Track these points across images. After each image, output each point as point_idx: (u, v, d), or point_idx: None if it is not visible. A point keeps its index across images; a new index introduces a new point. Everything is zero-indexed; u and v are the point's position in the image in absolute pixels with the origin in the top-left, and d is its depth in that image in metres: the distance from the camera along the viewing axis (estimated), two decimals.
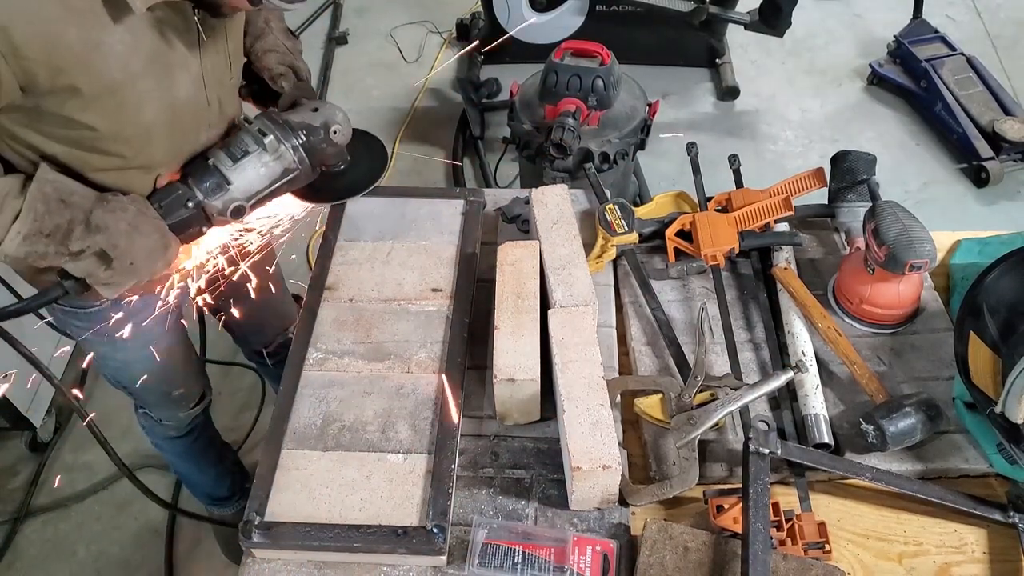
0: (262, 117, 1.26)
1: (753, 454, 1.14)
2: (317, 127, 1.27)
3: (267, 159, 1.24)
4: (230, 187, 1.22)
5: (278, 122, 1.25)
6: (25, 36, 0.96)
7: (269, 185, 1.25)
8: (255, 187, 1.24)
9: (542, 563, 1.11)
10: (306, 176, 1.29)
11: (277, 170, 1.25)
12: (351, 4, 4.14)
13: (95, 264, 1.12)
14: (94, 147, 1.12)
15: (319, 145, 1.28)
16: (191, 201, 1.20)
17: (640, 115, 2.19)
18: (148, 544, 2.23)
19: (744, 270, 1.55)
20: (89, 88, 1.05)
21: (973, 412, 1.26)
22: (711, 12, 3.04)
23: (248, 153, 1.22)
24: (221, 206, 1.22)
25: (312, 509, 1.16)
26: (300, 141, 1.25)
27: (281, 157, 1.25)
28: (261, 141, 1.23)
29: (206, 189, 1.20)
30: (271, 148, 1.23)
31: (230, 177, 1.22)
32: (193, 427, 1.81)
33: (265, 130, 1.23)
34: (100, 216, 1.10)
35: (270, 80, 1.38)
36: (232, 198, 1.22)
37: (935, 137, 3.31)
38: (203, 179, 1.21)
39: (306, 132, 1.26)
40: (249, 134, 1.24)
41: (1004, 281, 1.31)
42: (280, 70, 1.38)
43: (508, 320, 1.29)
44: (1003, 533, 1.18)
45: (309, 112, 1.28)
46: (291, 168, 1.26)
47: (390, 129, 3.44)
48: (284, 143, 1.24)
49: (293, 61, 1.41)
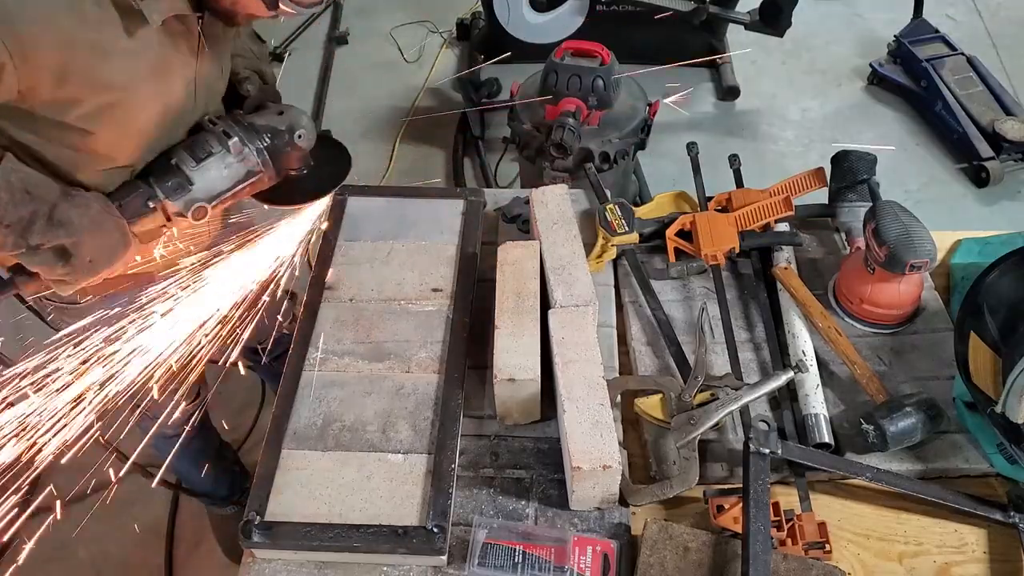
0: (227, 119, 1.25)
1: (753, 454, 1.14)
2: (282, 130, 1.27)
3: (230, 160, 1.23)
4: (192, 187, 1.20)
5: (243, 124, 1.24)
6: (37, 43, 0.96)
7: (232, 187, 1.24)
8: (217, 188, 1.23)
9: (542, 563, 1.11)
10: (269, 179, 1.29)
11: (240, 172, 1.24)
12: (351, 4, 4.14)
13: (52, 259, 1.09)
14: (86, 149, 1.12)
15: (283, 148, 1.27)
16: (152, 200, 1.18)
17: (640, 115, 2.20)
18: (148, 544, 2.23)
19: (744, 270, 1.54)
20: (91, 95, 1.05)
21: (973, 412, 1.26)
22: (711, 12, 3.04)
23: (212, 154, 1.21)
24: (182, 206, 1.20)
25: (312, 509, 1.16)
26: (264, 144, 1.25)
27: (245, 159, 1.24)
28: (225, 142, 1.22)
29: (168, 189, 1.19)
30: (235, 150, 1.22)
31: (192, 177, 1.20)
32: (191, 426, 1.81)
33: (230, 131, 1.22)
34: (64, 211, 1.07)
35: (236, 84, 1.37)
36: (194, 198, 1.21)
37: (935, 137, 3.30)
38: (165, 178, 1.19)
39: (271, 135, 1.26)
40: (213, 135, 1.22)
41: (1004, 281, 1.32)
42: (246, 74, 1.38)
43: (508, 320, 1.29)
44: (1003, 533, 1.18)
45: (274, 115, 1.28)
46: (254, 170, 1.25)
47: (390, 129, 3.44)
48: (248, 145, 1.23)
49: (259, 65, 1.41)
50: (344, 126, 3.43)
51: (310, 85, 3.66)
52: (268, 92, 1.38)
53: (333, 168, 1.42)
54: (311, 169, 1.36)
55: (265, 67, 1.43)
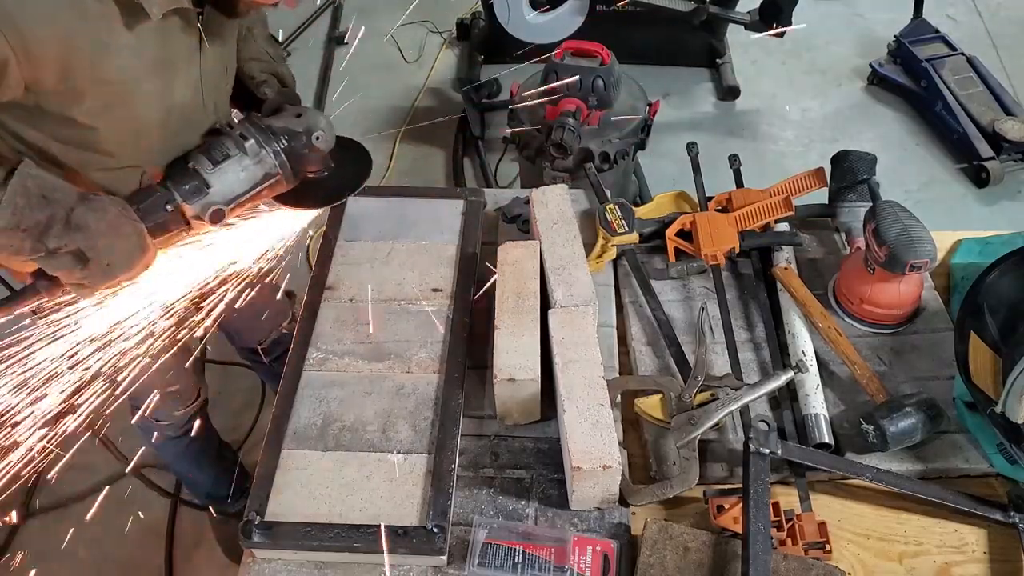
0: (244, 122, 1.25)
1: (753, 454, 1.14)
2: (299, 132, 1.26)
3: (248, 163, 1.22)
4: (209, 190, 1.20)
5: (260, 127, 1.24)
6: (38, 37, 0.96)
7: (249, 190, 1.24)
8: (235, 191, 1.22)
9: (542, 563, 1.11)
10: (287, 181, 1.28)
11: (258, 175, 1.24)
12: (351, 4, 4.14)
13: (70, 263, 1.09)
14: (91, 146, 1.12)
15: (301, 151, 1.26)
16: (170, 204, 1.17)
17: (640, 115, 2.19)
18: (148, 544, 2.22)
19: (744, 270, 1.55)
20: (94, 90, 1.05)
21: (973, 412, 1.26)
22: (711, 12, 3.04)
23: (229, 157, 1.21)
24: (200, 209, 1.20)
25: (312, 509, 1.16)
26: (282, 146, 1.24)
27: (262, 162, 1.23)
28: (242, 145, 1.21)
29: (185, 192, 1.18)
30: (252, 152, 1.22)
31: (210, 180, 1.20)
32: (190, 427, 1.81)
33: (247, 134, 1.22)
34: (81, 215, 1.07)
35: (254, 88, 1.37)
36: (211, 201, 1.20)
37: (935, 137, 3.30)
38: (182, 182, 1.19)
39: (288, 137, 1.25)
40: (230, 138, 1.22)
41: (1004, 281, 1.32)
42: (263, 77, 1.38)
43: (508, 320, 1.29)
44: (1003, 533, 1.18)
45: (292, 118, 1.27)
46: (272, 173, 1.24)
47: (390, 129, 3.44)
48: (265, 148, 1.22)
49: (276, 68, 1.41)
50: (344, 126, 3.39)
51: (310, 85, 3.66)
52: (286, 95, 1.37)
53: (353, 170, 1.41)
54: (331, 171, 1.35)
55: (283, 69, 1.42)
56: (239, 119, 1.28)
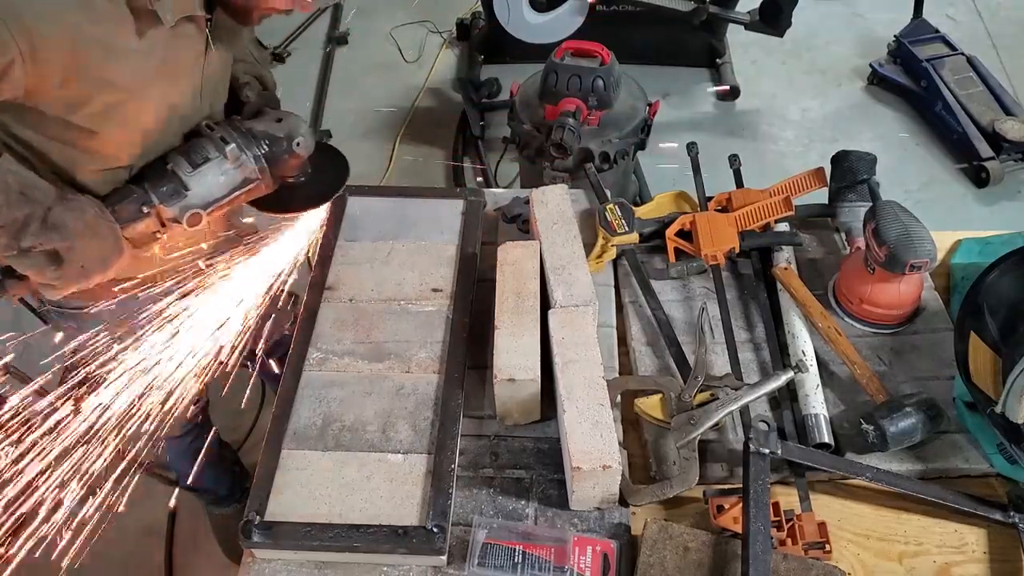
0: (225, 124, 1.24)
1: (753, 454, 1.14)
2: (280, 138, 1.25)
3: (228, 167, 1.21)
4: (188, 193, 1.18)
5: (241, 130, 1.23)
6: (47, 39, 0.96)
7: (228, 194, 1.23)
8: (214, 195, 1.21)
9: (542, 563, 1.11)
10: (266, 186, 1.27)
11: (237, 179, 1.22)
12: (351, 4, 4.14)
13: (44, 263, 1.07)
14: (89, 148, 1.12)
15: (281, 156, 1.26)
16: (146, 206, 1.16)
17: (640, 115, 2.20)
18: (148, 544, 2.23)
19: (744, 270, 1.54)
20: (98, 94, 1.04)
21: (973, 412, 1.26)
22: (711, 12, 3.04)
23: (208, 160, 1.19)
24: (177, 212, 1.18)
25: (312, 509, 1.16)
26: (262, 151, 1.23)
27: (242, 166, 1.22)
28: (223, 149, 1.20)
29: (163, 194, 1.17)
30: (232, 156, 1.20)
31: (188, 183, 1.18)
32: (190, 427, 1.81)
33: (227, 138, 1.21)
34: (59, 214, 1.05)
35: (237, 89, 1.36)
36: (189, 205, 1.19)
37: (935, 137, 3.30)
38: (160, 184, 1.17)
39: (269, 142, 1.24)
40: (211, 141, 1.21)
41: (1004, 281, 1.32)
42: (246, 79, 1.37)
43: (508, 320, 1.29)
44: (1003, 533, 1.18)
45: (273, 122, 1.26)
46: (251, 178, 1.24)
47: (390, 129, 3.44)
48: (246, 152, 1.21)
49: (259, 71, 1.40)
50: (344, 126, 3.43)
51: (310, 85, 3.67)
52: (267, 98, 1.37)
53: (331, 176, 1.40)
54: (309, 176, 1.34)
55: (265, 72, 1.42)
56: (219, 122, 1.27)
